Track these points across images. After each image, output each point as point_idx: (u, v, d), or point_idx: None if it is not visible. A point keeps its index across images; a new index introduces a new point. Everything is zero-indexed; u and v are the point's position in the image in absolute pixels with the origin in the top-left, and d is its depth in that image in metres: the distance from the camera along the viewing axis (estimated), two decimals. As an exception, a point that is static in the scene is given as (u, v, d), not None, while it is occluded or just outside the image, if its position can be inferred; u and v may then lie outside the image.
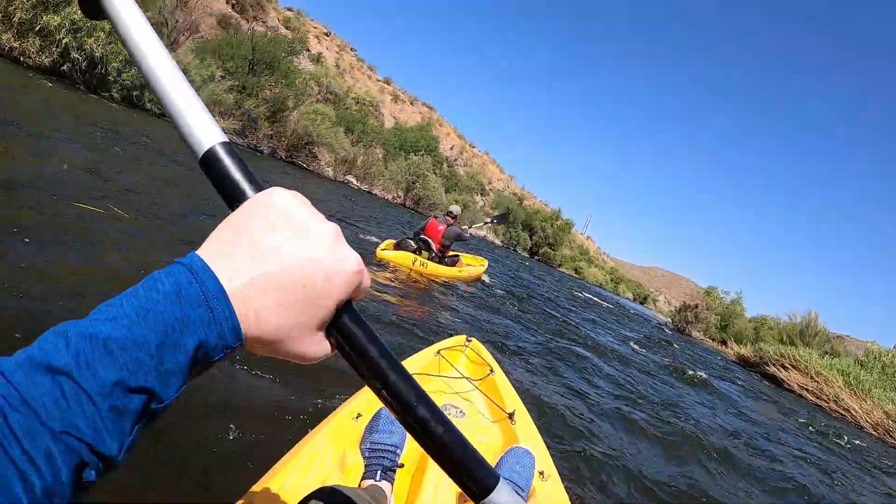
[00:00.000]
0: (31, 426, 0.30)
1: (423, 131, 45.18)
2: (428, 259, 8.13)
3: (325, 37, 57.66)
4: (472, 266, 9.87)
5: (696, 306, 29.72)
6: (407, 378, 0.49)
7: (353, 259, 0.46)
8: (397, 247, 7.95)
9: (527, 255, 56.15)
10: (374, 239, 9.71)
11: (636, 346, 10.70)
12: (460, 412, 2.30)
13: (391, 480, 1.59)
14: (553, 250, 60.50)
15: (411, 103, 69.43)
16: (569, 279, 40.79)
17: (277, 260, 0.42)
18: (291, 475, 1.45)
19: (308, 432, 1.81)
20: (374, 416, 1.79)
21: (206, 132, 0.49)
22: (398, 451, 1.67)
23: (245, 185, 0.48)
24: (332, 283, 0.44)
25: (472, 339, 2.99)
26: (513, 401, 2.47)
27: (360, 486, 1.56)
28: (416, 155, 37.14)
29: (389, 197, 34.60)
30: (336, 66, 50.87)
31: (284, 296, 0.42)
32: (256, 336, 0.42)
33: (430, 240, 8.45)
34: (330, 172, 28.87)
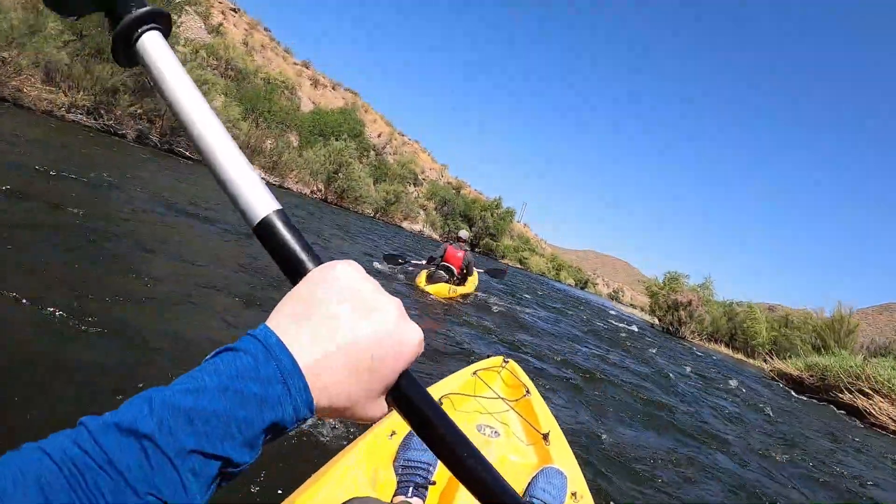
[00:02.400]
0: (118, 486, 0.33)
1: (345, 114, 39.70)
2: (456, 285, 9.28)
3: (231, 13, 51.20)
4: (473, 279, 10.44)
5: (690, 303, 25.47)
6: (454, 430, 0.51)
7: (416, 334, 0.49)
8: (430, 279, 9.06)
9: (468, 248, 51.61)
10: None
11: (642, 364, 9.66)
12: (495, 432, 2.34)
13: (423, 497, 1.62)
14: (495, 241, 56.61)
15: (333, 88, 63.37)
16: (526, 275, 36.56)
17: (348, 335, 0.45)
18: (324, 490, 1.46)
19: (342, 448, 1.85)
20: (408, 434, 1.85)
21: (260, 200, 0.50)
22: (431, 468, 1.69)
23: (304, 256, 0.50)
24: (398, 357, 0.47)
25: (509, 360, 3.03)
26: (548, 421, 2.50)
27: (391, 502, 1.59)
28: (337, 140, 31.57)
29: (307, 191, 29.03)
30: (244, 43, 44.51)
31: (354, 369, 0.45)
32: (326, 406, 0.44)
33: (451, 266, 9.39)
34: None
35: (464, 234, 10.39)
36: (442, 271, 9.25)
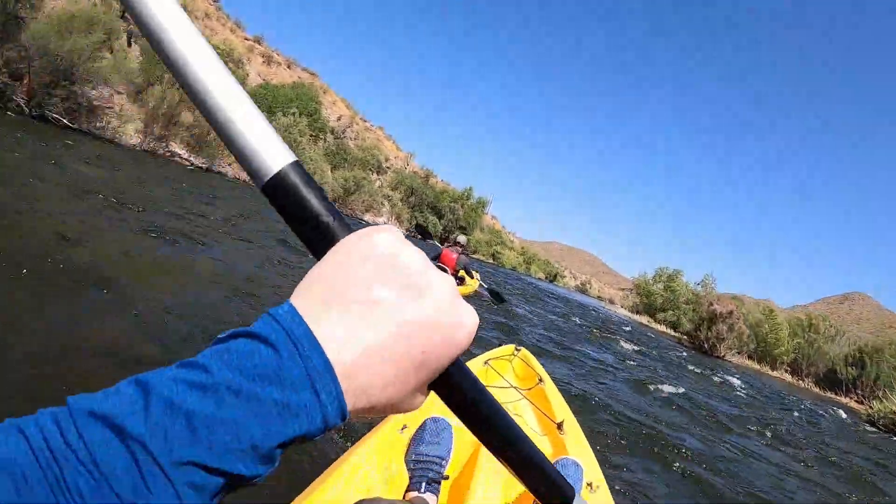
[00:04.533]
0: (101, 491, 0.27)
1: (299, 89, 34.53)
2: None
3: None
4: (472, 282, 10.48)
5: (731, 313, 20.93)
6: (497, 410, 0.48)
7: (472, 318, 0.41)
8: None
9: (437, 242, 47.01)
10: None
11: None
12: None
13: (436, 493, 1.59)
14: (467, 234, 51.66)
15: (288, 66, 57.92)
16: (503, 272, 32.00)
17: (393, 323, 0.36)
18: (335, 487, 1.44)
19: (353, 443, 1.83)
20: (419, 428, 1.81)
21: (272, 150, 0.39)
22: (444, 462, 1.67)
23: (331, 221, 0.41)
24: (451, 345, 0.39)
25: (521, 348, 3.04)
26: (562, 410, 2.50)
27: (404, 497, 1.57)
28: (285, 116, 26.35)
29: (244, 177, 23.92)
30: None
31: (399, 366, 0.37)
32: (361, 409, 0.36)
33: (446, 267, 9.53)
34: (134, 137, 17.88)
35: (462, 239, 10.60)
36: None
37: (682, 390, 8.39)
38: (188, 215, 8.23)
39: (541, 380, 2.74)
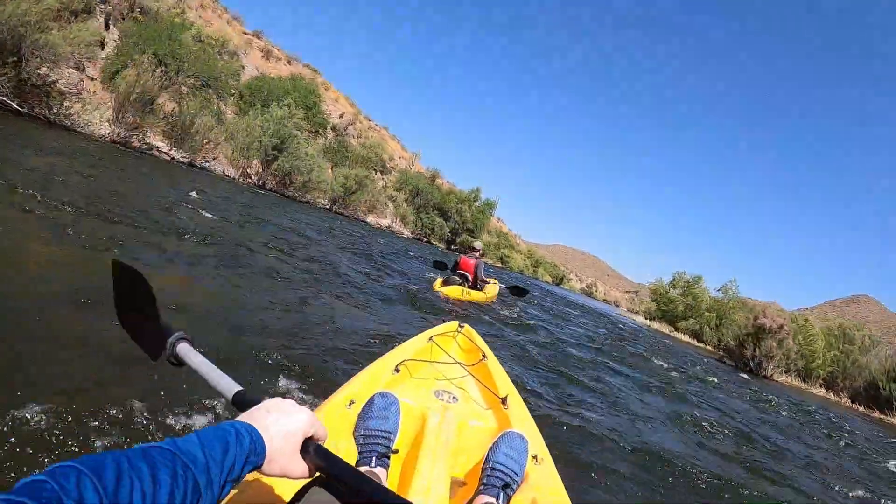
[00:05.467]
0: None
1: (297, 82, 32.23)
2: (469, 288, 9.72)
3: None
4: (492, 287, 10.78)
5: (781, 328, 18.40)
6: (364, 482, 0.88)
7: (305, 419, 0.92)
8: (445, 283, 9.71)
9: (443, 246, 44.73)
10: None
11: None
12: (453, 398, 2.34)
13: (386, 467, 1.65)
14: (474, 238, 49.63)
15: (288, 62, 55.38)
16: (509, 275, 29.61)
17: (280, 424, 0.89)
18: None
19: None
20: (367, 403, 1.83)
21: (227, 386, 1.06)
22: (392, 436, 1.71)
23: (253, 399, 0.99)
24: (298, 431, 0.90)
25: (464, 325, 3.09)
26: (505, 385, 2.51)
27: None
28: (279, 107, 23.94)
29: (236, 174, 21.57)
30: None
31: (282, 435, 0.88)
32: (270, 451, 0.85)
33: (466, 273, 9.98)
34: (103, 126, 15.53)
35: (478, 245, 10.74)
36: (457, 277, 9.87)
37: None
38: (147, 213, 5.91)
39: (484, 356, 2.77)
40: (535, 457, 1.89)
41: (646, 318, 35.02)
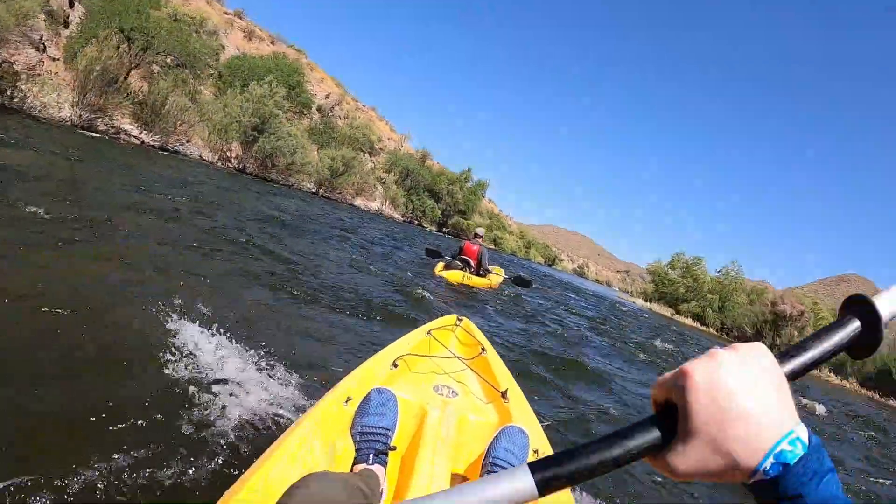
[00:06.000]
0: None
1: (279, 60, 30.86)
2: (471, 273, 9.96)
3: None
4: (496, 276, 10.87)
5: (802, 314, 17.49)
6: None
7: None
8: (447, 267, 10.03)
9: (435, 228, 43.71)
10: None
11: None
12: (453, 392, 2.29)
13: (384, 464, 1.61)
14: (465, 219, 48.71)
15: (272, 43, 53.63)
16: (504, 258, 28.60)
17: None
18: (278, 465, 1.40)
19: (296, 419, 1.87)
20: (363, 399, 1.79)
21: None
22: (390, 433, 1.68)
23: None
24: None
25: (463, 318, 3.06)
26: (505, 379, 2.50)
27: (351, 470, 1.59)
28: (260, 85, 22.58)
29: (214, 157, 20.29)
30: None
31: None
32: None
33: (469, 258, 10.24)
34: (64, 109, 14.26)
35: (480, 231, 10.84)
36: (458, 262, 10.12)
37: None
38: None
39: (483, 349, 2.74)
40: (536, 451, 1.84)
41: (644, 301, 34.14)
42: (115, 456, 1.88)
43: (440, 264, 10.31)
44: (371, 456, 1.58)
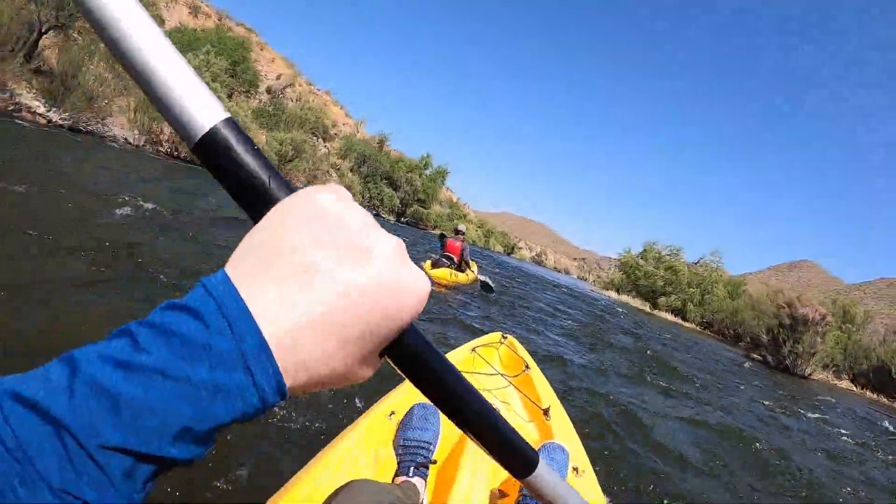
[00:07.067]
0: (29, 478, 0.25)
1: (222, 33, 28.23)
2: (455, 270, 10.30)
3: None
4: (471, 272, 11.15)
5: (824, 318, 15.95)
6: (453, 372, 0.46)
7: (422, 281, 0.38)
8: (435, 265, 10.04)
9: (393, 219, 41.73)
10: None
11: None
12: None
13: (424, 476, 1.60)
14: (425, 208, 46.94)
15: (220, 20, 50.31)
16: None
17: (334, 291, 0.33)
18: (324, 473, 1.46)
19: (342, 431, 1.82)
20: (407, 413, 1.81)
21: (202, 107, 0.36)
22: (431, 447, 1.69)
23: (268, 180, 0.38)
24: (399, 312, 0.36)
25: (507, 336, 3.08)
26: (548, 396, 2.53)
27: (393, 482, 1.58)
28: (195, 56, 19.97)
29: (140, 140, 17.71)
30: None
31: (341, 336, 0.34)
32: (302, 385, 0.34)
33: (452, 255, 10.49)
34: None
35: (462, 227, 11.05)
36: (445, 259, 10.30)
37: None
38: None
39: (527, 367, 2.77)
40: (575, 469, 1.86)
41: (618, 294, 32.87)
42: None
43: (428, 262, 10.33)
44: (412, 468, 1.58)
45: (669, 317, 26.96)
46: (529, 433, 2.23)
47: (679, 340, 15.45)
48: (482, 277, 11.16)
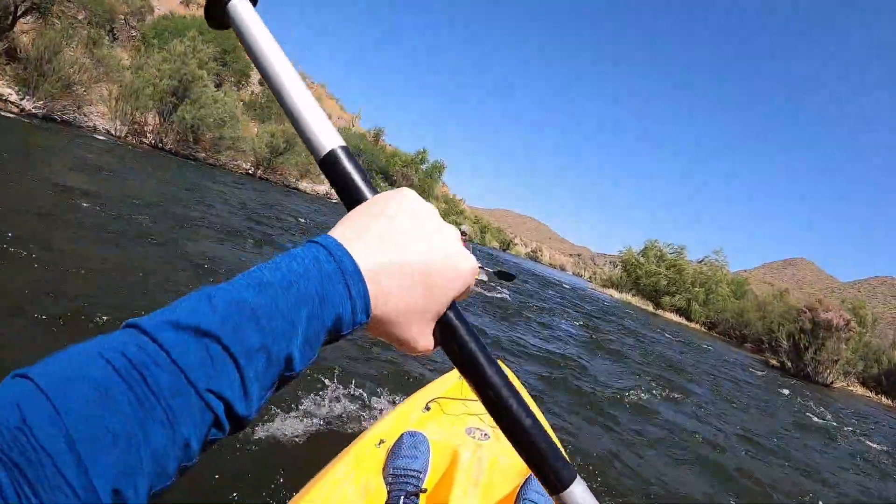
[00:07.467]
0: (178, 384, 0.31)
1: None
2: None
3: None
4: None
5: (848, 324, 15.12)
6: (501, 374, 0.52)
7: (471, 263, 0.50)
8: None
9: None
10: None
11: None
12: (485, 434, 2.30)
13: None
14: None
15: (211, 9, 49.22)
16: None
17: (409, 250, 0.45)
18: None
19: (330, 460, 1.83)
20: (396, 442, 1.81)
21: (327, 136, 0.53)
22: (421, 475, 1.68)
23: (364, 186, 0.52)
24: (451, 281, 0.48)
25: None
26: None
27: None
28: (181, 42, 18.97)
29: (121, 130, 16.76)
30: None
31: (411, 282, 0.45)
32: (380, 315, 0.44)
33: None
34: None
35: (465, 228, 11.70)
36: None
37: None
38: None
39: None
40: None
41: (618, 292, 32.10)
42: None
43: None
44: (401, 498, 1.58)
45: (674, 317, 26.35)
46: (520, 459, 1.80)
47: (692, 346, 14.81)
48: (493, 270, 11.57)
